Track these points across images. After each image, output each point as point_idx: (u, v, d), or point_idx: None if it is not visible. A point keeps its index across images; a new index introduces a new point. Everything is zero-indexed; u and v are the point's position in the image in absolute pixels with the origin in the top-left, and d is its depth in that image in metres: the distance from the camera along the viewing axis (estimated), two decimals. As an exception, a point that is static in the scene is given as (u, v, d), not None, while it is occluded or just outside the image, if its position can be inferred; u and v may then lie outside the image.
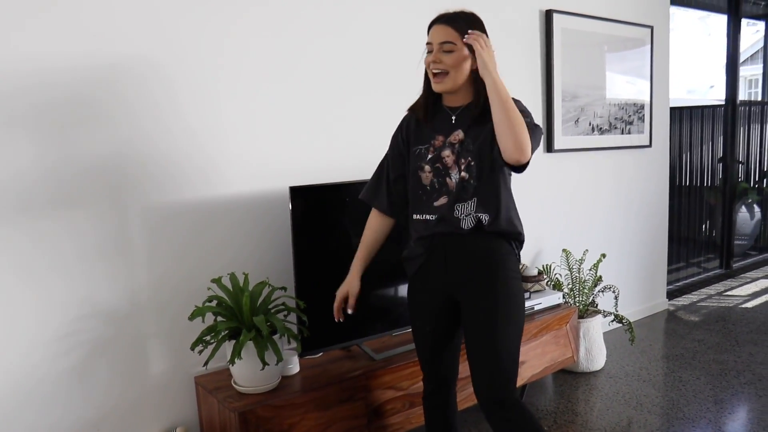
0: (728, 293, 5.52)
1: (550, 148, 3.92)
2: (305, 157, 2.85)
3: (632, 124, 4.46)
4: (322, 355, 2.73)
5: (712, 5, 5.71)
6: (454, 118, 2.11)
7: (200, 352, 2.34)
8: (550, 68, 3.87)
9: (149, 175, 2.44)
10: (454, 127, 2.11)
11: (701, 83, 9.55)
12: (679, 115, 5.83)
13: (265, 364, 2.25)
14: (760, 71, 6.80)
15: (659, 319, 4.83)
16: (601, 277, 3.82)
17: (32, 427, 2.26)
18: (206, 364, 2.30)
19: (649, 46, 4.53)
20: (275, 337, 2.33)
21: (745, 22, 6.07)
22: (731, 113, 5.96)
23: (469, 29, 1.98)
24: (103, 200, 2.35)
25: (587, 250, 3.90)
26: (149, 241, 2.47)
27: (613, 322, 3.90)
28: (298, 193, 2.49)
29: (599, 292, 3.85)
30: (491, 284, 2.07)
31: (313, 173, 2.84)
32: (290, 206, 2.47)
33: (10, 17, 2.11)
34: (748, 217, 6.67)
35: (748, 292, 5.55)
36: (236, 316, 2.36)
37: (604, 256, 3.90)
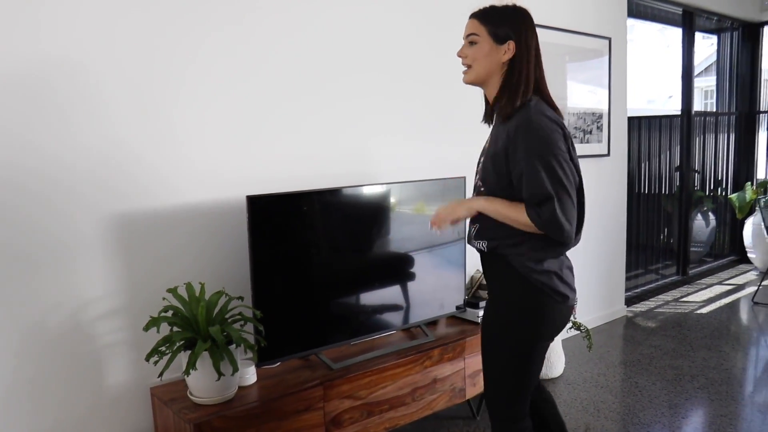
0: (684, 299, 5.63)
1: (509, 157, 3.96)
2: (263, 166, 2.83)
3: (591, 133, 4.53)
4: (279, 364, 2.72)
5: (667, 18, 5.84)
6: (494, 118, 2.05)
7: (155, 362, 2.31)
8: (509, 78, 3.90)
9: (103, 184, 2.41)
10: (493, 129, 2.06)
11: (661, 93, 9.75)
12: (638, 124, 5.95)
13: (220, 374, 2.23)
14: (715, 82, 6.97)
15: (618, 325, 4.90)
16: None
17: (-20, 441, 2.21)
18: (161, 375, 2.27)
19: (607, 56, 4.61)
20: (231, 347, 2.31)
21: (701, 35, 6.22)
22: (687, 123, 6.10)
23: (499, 22, 1.94)
24: (54, 210, 2.31)
25: (546, 257, 3.95)
26: (103, 251, 2.43)
27: (571, 329, 3.95)
28: (255, 202, 2.48)
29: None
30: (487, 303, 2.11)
31: (270, 182, 2.83)
32: (247, 215, 2.46)
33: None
34: (703, 224, 6.83)
35: (703, 298, 5.67)
36: (192, 326, 2.34)
37: (562, 263, 3.94)
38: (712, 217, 6.91)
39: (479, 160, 2.09)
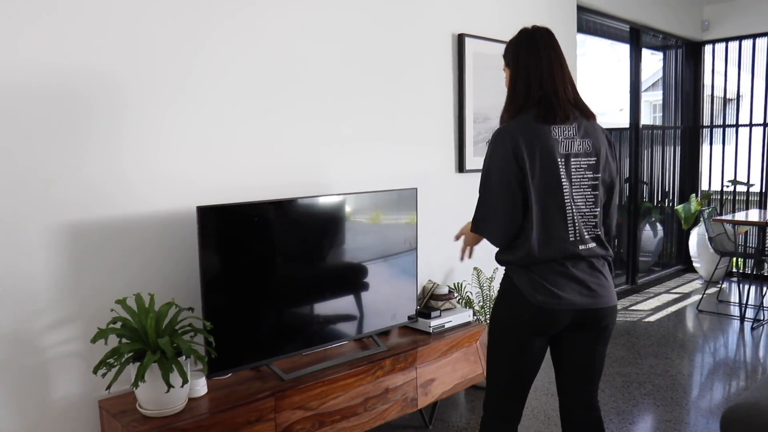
0: (633, 308, 5.77)
1: (461, 168, 4.03)
2: (214, 175, 2.82)
3: (541, 145, 4.62)
4: (230, 375, 2.71)
5: (616, 35, 6.01)
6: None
7: (103, 375, 2.28)
8: (462, 91, 3.98)
9: (48, 193, 2.37)
10: None
11: (612, 106, 9.98)
12: (588, 137, 6.07)
13: (170, 386, 2.21)
14: (661, 97, 7.19)
15: (568, 334, 4.99)
16: (511, 294, 3.92)
17: None
18: (109, 387, 2.24)
19: (556, 71, 4.71)
20: (181, 358, 2.30)
21: (648, 51, 6.42)
22: (635, 136, 6.27)
23: (504, 53, 2.33)
24: None
25: (497, 268, 4.00)
26: (49, 261, 2.39)
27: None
28: (205, 212, 2.47)
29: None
30: None
31: (222, 192, 2.83)
32: (198, 226, 2.45)
33: None
34: (651, 234, 7.02)
35: (651, 306, 5.82)
36: (141, 337, 2.32)
37: (514, 273, 4.01)
38: (659, 227, 7.11)
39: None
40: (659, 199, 7.07)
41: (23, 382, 2.35)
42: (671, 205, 7.20)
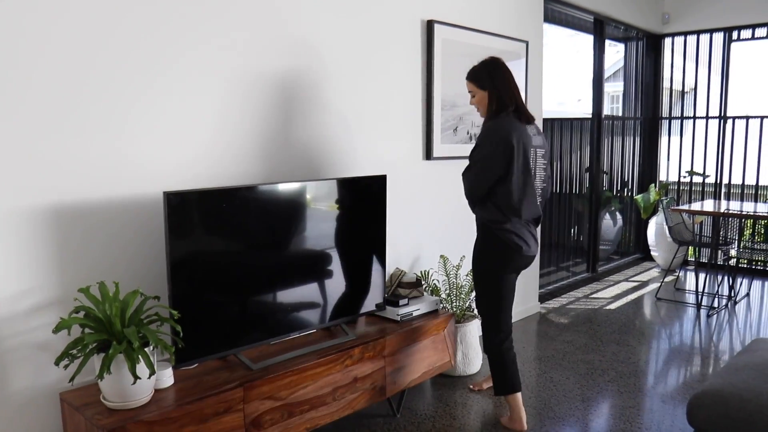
0: (594, 296, 5.85)
1: (429, 155, 4.00)
2: (181, 161, 2.74)
3: (507, 134, 4.63)
4: (197, 366, 2.64)
5: (580, 26, 6.05)
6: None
7: (66, 366, 2.20)
8: (430, 77, 3.95)
9: (5, 178, 2.27)
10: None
11: (570, 96, 10.09)
12: (551, 126, 6.14)
13: (136, 377, 2.14)
14: (621, 88, 7.28)
15: (532, 321, 5.04)
16: (477, 282, 3.93)
17: None
18: (72, 379, 2.16)
19: (524, 59, 4.73)
20: (148, 348, 2.23)
21: (609, 42, 6.48)
22: (597, 126, 6.34)
23: (475, 79, 3.10)
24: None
25: (464, 256, 4.01)
26: (7, 248, 2.29)
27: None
28: (173, 198, 2.39)
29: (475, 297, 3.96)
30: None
31: (189, 179, 2.75)
32: (164, 212, 2.37)
33: None
34: (611, 223, 7.13)
35: (611, 294, 5.91)
36: (105, 327, 2.24)
37: (480, 261, 4.01)
38: (619, 216, 7.22)
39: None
40: (619, 188, 7.18)
41: (-20, 374, 2.26)
42: (630, 194, 7.32)
